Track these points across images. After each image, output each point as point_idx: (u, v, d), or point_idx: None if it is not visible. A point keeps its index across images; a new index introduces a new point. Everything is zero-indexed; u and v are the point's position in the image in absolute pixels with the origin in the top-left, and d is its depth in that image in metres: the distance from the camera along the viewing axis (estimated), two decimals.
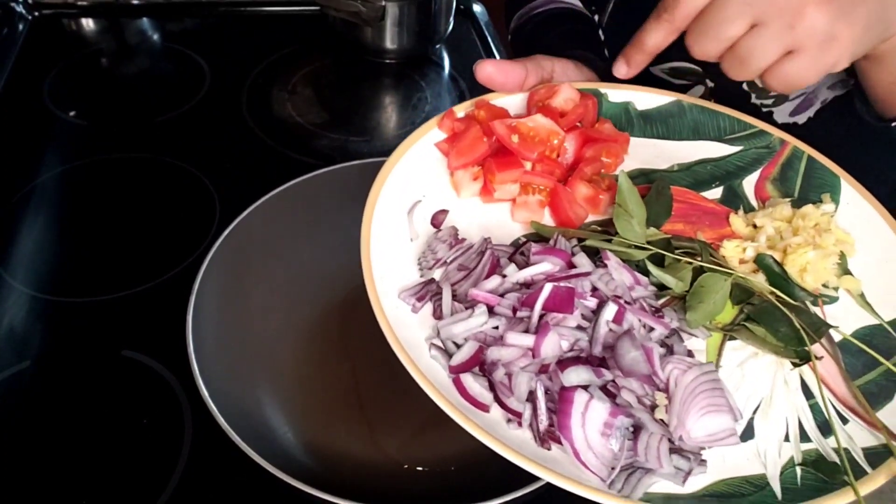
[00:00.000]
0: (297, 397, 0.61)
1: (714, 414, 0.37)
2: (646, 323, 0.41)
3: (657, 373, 0.39)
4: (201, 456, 0.58)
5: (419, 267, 0.47)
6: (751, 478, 0.38)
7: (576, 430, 0.36)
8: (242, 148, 0.87)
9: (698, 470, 0.37)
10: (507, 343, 0.40)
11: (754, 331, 0.42)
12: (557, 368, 0.39)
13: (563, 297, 0.40)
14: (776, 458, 0.39)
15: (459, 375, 0.40)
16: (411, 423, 0.61)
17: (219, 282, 0.60)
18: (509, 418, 0.39)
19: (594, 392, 0.37)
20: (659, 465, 0.36)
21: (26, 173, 0.81)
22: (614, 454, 0.36)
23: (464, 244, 0.47)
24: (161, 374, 0.63)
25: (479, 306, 0.42)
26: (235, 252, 0.62)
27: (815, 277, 0.46)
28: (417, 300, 0.44)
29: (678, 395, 0.38)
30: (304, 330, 0.66)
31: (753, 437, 0.40)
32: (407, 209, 0.49)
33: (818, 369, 0.41)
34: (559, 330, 0.40)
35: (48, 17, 1.06)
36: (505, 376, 0.39)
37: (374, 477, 0.57)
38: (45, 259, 0.73)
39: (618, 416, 0.36)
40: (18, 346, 0.64)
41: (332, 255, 0.70)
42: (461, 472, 0.57)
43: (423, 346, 0.42)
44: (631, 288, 0.43)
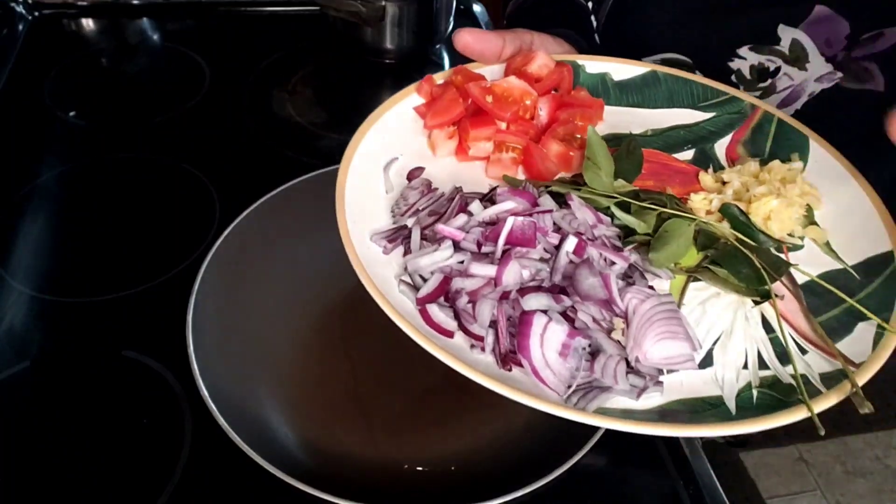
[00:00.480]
0: (297, 397, 0.61)
1: (671, 340, 0.39)
2: (606, 257, 0.42)
3: (615, 299, 0.40)
4: (201, 456, 0.58)
5: (392, 214, 0.49)
6: (707, 398, 0.40)
7: (534, 351, 0.38)
8: (242, 148, 0.87)
9: (654, 389, 0.39)
10: (470, 273, 0.42)
11: (717, 272, 0.44)
12: (518, 296, 0.40)
13: (526, 231, 0.42)
14: (733, 382, 0.40)
15: (426, 306, 0.42)
16: (411, 423, 0.61)
17: (219, 282, 0.60)
18: (472, 344, 0.41)
19: (553, 315, 0.39)
20: (615, 382, 0.38)
21: (26, 173, 0.81)
22: (571, 373, 0.38)
23: (436, 192, 0.49)
24: (161, 374, 0.63)
25: (445, 241, 0.44)
26: (235, 252, 0.62)
27: (780, 226, 0.48)
28: (388, 242, 0.46)
29: (635, 321, 0.40)
30: (304, 330, 0.66)
31: (712, 365, 0.42)
32: (383, 165, 0.51)
33: (778, 306, 0.43)
34: (521, 261, 0.42)
35: (48, 17, 1.07)
36: (468, 304, 0.41)
37: (374, 477, 0.57)
38: (46, 259, 0.73)
39: (575, 337, 0.39)
40: (18, 346, 0.64)
41: (332, 255, 0.70)
42: (461, 472, 0.57)
43: (392, 283, 0.44)
44: (594, 226, 0.45)
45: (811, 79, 0.64)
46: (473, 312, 0.41)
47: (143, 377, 0.62)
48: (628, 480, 0.59)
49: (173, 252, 0.73)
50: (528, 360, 0.38)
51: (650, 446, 0.61)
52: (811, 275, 0.45)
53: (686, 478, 0.59)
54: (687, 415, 0.38)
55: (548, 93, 0.54)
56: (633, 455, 0.60)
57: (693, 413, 0.39)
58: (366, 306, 0.68)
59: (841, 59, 0.62)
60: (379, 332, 0.67)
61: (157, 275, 0.71)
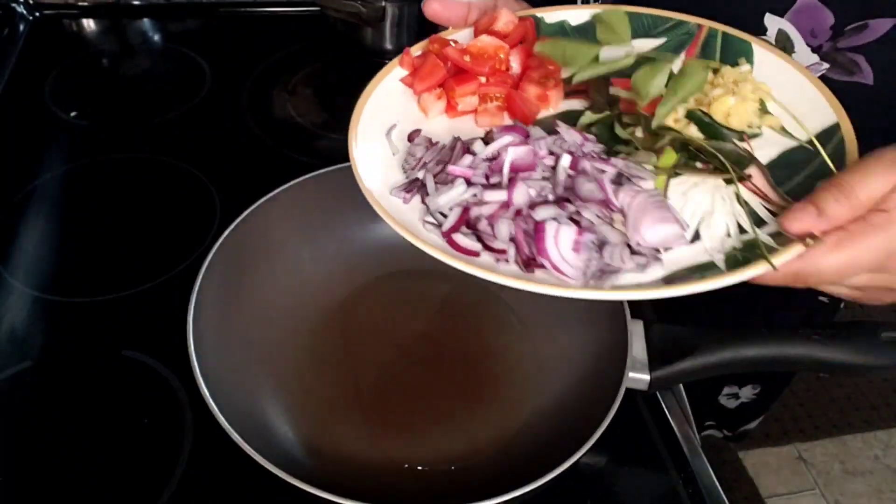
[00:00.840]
0: (297, 397, 0.61)
1: (662, 224, 0.46)
2: (597, 167, 0.50)
3: (610, 198, 0.47)
4: (201, 456, 0.58)
5: (404, 171, 0.53)
6: (701, 265, 0.46)
7: (552, 252, 0.45)
8: (243, 148, 0.87)
9: (655, 263, 0.46)
10: (485, 201, 0.48)
11: (694, 165, 0.52)
12: (529, 211, 0.47)
13: (525, 157, 0.50)
14: (720, 248, 0.47)
15: (451, 236, 0.48)
16: (411, 423, 0.61)
17: (219, 282, 0.60)
18: (497, 258, 0.47)
19: (561, 220, 0.46)
20: (622, 263, 0.45)
21: (27, 173, 0.81)
22: (586, 263, 0.45)
23: (437, 146, 0.54)
24: (161, 373, 0.63)
25: (458, 180, 0.50)
26: (236, 252, 0.62)
27: (739, 120, 0.54)
28: (406, 193, 0.51)
29: (631, 213, 0.47)
30: (304, 330, 0.66)
31: (700, 240, 0.48)
32: (384, 132, 0.56)
33: (748, 184, 0.50)
34: (526, 182, 0.48)
35: (49, 17, 1.07)
36: (488, 226, 0.48)
37: (374, 477, 0.57)
38: (46, 259, 0.73)
39: (583, 234, 0.46)
40: (19, 346, 0.65)
41: (332, 255, 0.70)
42: (461, 472, 0.58)
43: (418, 225, 0.49)
44: (581, 145, 0.52)
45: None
46: (493, 232, 0.47)
47: (144, 377, 0.63)
48: (628, 480, 0.59)
49: (173, 252, 0.73)
50: (548, 260, 0.45)
51: (650, 446, 0.61)
52: (771, 158, 0.53)
53: (685, 477, 0.59)
54: (687, 278, 0.45)
55: (516, 45, 0.60)
56: (633, 455, 0.61)
57: (690, 276, 0.45)
58: (366, 306, 0.69)
59: (826, 49, 0.63)
60: (379, 332, 0.67)
61: (157, 275, 0.71)
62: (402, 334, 0.67)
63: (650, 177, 0.50)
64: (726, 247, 0.47)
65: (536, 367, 0.64)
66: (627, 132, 0.53)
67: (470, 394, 0.63)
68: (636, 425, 0.62)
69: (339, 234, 0.71)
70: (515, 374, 0.64)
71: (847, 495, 1.54)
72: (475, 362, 0.65)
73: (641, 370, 0.56)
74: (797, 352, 0.55)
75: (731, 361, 0.56)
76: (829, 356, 0.55)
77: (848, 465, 1.59)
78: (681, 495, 0.58)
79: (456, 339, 0.67)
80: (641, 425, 0.63)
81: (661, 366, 0.56)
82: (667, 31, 0.63)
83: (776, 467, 1.57)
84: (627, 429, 0.62)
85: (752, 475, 1.54)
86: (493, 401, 0.63)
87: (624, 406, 0.52)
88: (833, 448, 1.61)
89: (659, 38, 0.62)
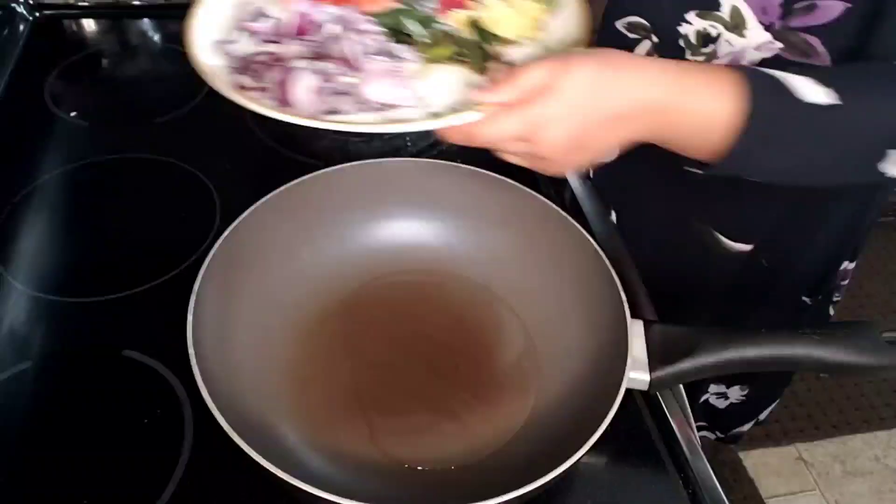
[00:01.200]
0: (297, 397, 0.61)
1: (393, 88, 0.57)
2: (362, 40, 0.59)
3: (354, 60, 0.57)
4: (201, 456, 0.58)
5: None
6: (419, 119, 0.55)
7: (293, 92, 0.56)
8: (243, 148, 0.87)
9: (380, 114, 0.56)
10: (265, 51, 0.59)
11: (460, 60, 0.61)
12: (287, 63, 0.57)
13: (305, 23, 0.60)
14: (438, 107, 0.57)
15: (235, 75, 0.59)
16: (411, 423, 0.61)
17: (219, 282, 0.60)
18: (262, 94, 0.57)
19: (308, 69, 0.56)
20: (349, 109, 0.56)
21: (27, 173, 0.81)
22: (318, 105, 0.56)
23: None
24: (161, 374, 0.63)
25: (252, 34, 0.61)
26: (236, 252, 0.62)
27: (510, 30, 0.62)
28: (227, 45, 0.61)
29: (371, 76, 0.57)
30: (304, 330, 0.66)
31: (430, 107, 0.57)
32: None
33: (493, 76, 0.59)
34: (301, 41, 0.59)
35: (49, 17, 1.07)
36: (263, 71, 0.58)
37: (374, 477, 0.57)
38: (46, 259, 0.73)
39: (325, 83, 0.56)
40: (19, 346, 0.65)
41: (332, 256, 0.70)
42: (461, 472, 0.58)
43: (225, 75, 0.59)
44: (358, 23, 0.60)
45: (750, 47, 0.64)
46: (262, 75, 0.58)
47: (143, 377, 0.63)
48: (628, 480, 0.59)
49: (173, 252, 0.73)
50: (296, 99, 0.56)
51: (650, 446, 0.61)
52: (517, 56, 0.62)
53: (685, 478, 0.59)
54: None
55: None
56: (633, 455, 0.61)
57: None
58: (366, 306, 0.69)
59: (779, 28, 0.62)
60: (379, 332, 0.67)
61: (157, 275, 0.71)
62: (402, 334, 0.67)
63: (413, 58, 0.59)
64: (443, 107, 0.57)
65: (536, 367, 0.65)
66: (414, 28, 0.63)
67: (470, 394, 0.63)
68: (636, 425, 0.62)
69: (339, 234, 0.71)
70: (515, 374, 0.64)
71: (847, 495, 1.54)
72: (475, 362, 0.65)
73: (641, 370, 0.56)
74: (797, 352, 0.55)
75: (731, 361, 0.56)
76: (829, 356, 0.55)
77: (848, 465, 1.59)
78: (681, 495, 0.58)
79: (456, 339, 0.67)
80: (641, 425, 0.63)
81: (661, 366, 0.56)
82: None
83: (776, 467, 1.57)
84: (627, 429, 0.62)
85: (752, 475, 1.54)
86: (493, 401, 0.63)
87: (624, 406, 0.52)
88: (833, 448, 1.61)
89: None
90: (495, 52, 0.61)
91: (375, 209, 0.72)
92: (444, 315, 0.69)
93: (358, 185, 0.71)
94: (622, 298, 0.59)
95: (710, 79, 0.51)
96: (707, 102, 0.51)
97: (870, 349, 0.55)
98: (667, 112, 0.52)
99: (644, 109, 0.52)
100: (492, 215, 0.71)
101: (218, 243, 0.61)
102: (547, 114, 0.50)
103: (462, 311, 0.69)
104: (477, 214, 0.72)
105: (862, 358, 0.55)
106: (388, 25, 0.62)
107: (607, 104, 0.51)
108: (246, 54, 0.59)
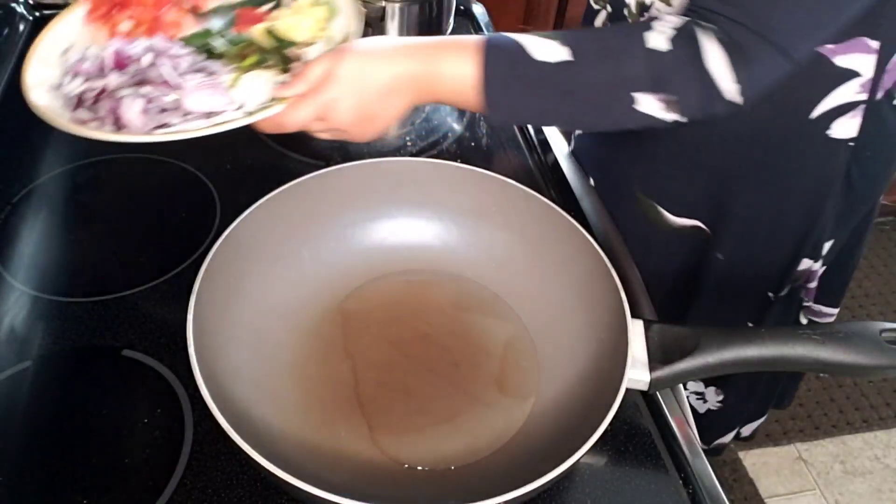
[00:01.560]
0: (297, 397, 0.61)
1: (211, 97, 0.66)
2: (175, 62, 0.68)
3: (170, 80, 0.66)
4: (201, 456, 0.58)
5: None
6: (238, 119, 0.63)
7: (130, 115, 0.64)
8: (243, 148, 0.87)
9: (203, 121, 0.65)
10: (93, 87, 0.66)
11: (266, 65, 0.70)
12: (115, 92, 0.66)
13: (122, 56, 0.68)
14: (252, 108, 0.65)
15: (73, 112, 0.66)
16: (411, 423, 0.61)
17: (219, 282, 0.60)
18: (103, 124, 0.65)
19: (137, 95, 0.65)
20: (176, 122, 0.65)
21: (27, 173, 0.81)
22: (147, 122, 0.65)
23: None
24: (161, 374, 0.63)
25: (78, 75, 0.69)
26: (236, 252, 0.62)
27: (300, 34, 0.72)
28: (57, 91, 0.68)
29: (187, 90, 0.66)
30: (304, 330, 0.66)
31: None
32: (60, 53, 0.72)
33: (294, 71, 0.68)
34: (122, 73, 0.67)
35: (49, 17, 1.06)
36: (96, 104, 0.66)
37: (374, 477, 0.57)
38: (46, 259, 0.73)
39: (149, 104, 0.65)
40: (19, 346, 0.65)
41: (332, 255, 0.70)
42: (461, 472, 0.58)
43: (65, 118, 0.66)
44: (170, 49, 0.69)
45: (673, 12, 0.65)
46: (98, 107, 0.66)
47: (143, 377, 0.63)
48: (628, 480, 0.59)
49: (174, 252, 0.73)
50: (124, 121, 0.64)
51: (650, 446, 0.61)
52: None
53: (685, 477, 0.59)
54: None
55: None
56: (633, 455, 0.61)
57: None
58: (366, 306, 0.69)
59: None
60: (379, 332, 0.67)
61: (157, 275, 0.71)
62: (402, 334, 0.67)
63: (223, 70, 0.68)
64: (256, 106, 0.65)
65: (536, 368, 0.65)
66: (220, 45, 0.72)
67: (470, 394, 0.63)
68: (636, 425, 0.62)
69: (339, 234, 0.71)
70: (515, 374, 0.64)
71: (847, 495, 1.54)
72: (475, 362, 0.65)
73: (641, 370, 0.56)
74: (797, 352, 0.55)
75: (731, 361, 0.56)
76: (829, 356, 0.55)
77: (848, 465, 1.59)
78: (681, 495, 0.58)
79: (456, 339, 0.67)
80: (641, 425, 0.63)
81: (661, 366, 0.56)
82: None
83: (776, 467, 1.57)
84: (627, 429, 0.62)
85: (752, 475, 1.54)
86: (493, 401, 0.63)
87: (624, 406, 0.52)
88: (833, 448, 1.61)
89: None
90: (294, 53, 0.72)
91: (375, 209, 0.72)
92: (444, 315, 0.69)
93: (358, 185, 0.71)
94: (622, 298, 0.59)
95: (459, 48, 0.61)
96: (454, 67, 0.60)
97: (870, 349, 0.55)
98: (425, 80, 0.61)
99: (406, 80, 0.61)
100: (492, 215, 0.71)
101: (218, 243, 0.61)
102: (332, 96, 0.60)
103: (462, 311, 0.69)
104: (477, 214, 0.72)
105: (862, 358, 0.55)
106: (198, 45, 0.72)
107: (376, 81, 0.60)
108: (78, 92, 0.67)
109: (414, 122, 0.93)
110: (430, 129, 0.92)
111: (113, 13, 0.77)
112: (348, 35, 0.73)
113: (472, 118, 0.95)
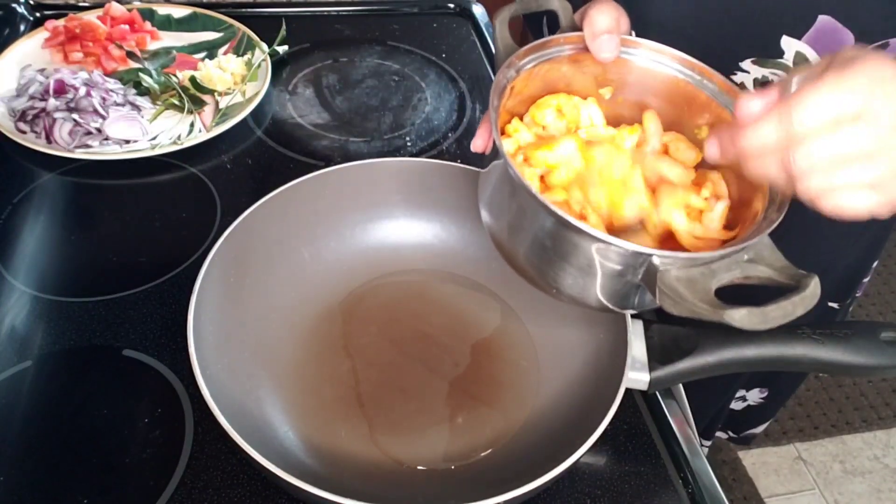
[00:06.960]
0: (297, 397, 0.61)
1: (128, 127, 0.83)
2: (107, 94, 0.85)
3: (97, 109, 0.82)
4: (201, 456, 0.58)
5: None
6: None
7: (56, 134, 0.81)
8: (243, 148, 0.87)
9: (126, 146, 0.83)
10: (35, 107, 0.84)
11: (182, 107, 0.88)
12: (52, 113, 0.82)
13: (66, 84, 0.84)
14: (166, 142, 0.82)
15: (17, 124, 0.83)
16: (411, 423, 0.61)
17: (219, 282, 0.60)
18: (38, 138, 0.82)
19: (66, 119, 0.81)
20: (98, 142, 0.83)
21: (27, 174, 0.81)
22: (72, 141, 0.82)
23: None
24: (161, 373, 0.63)
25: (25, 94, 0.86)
26: (236, 252, 0.62)
27: (218, 85, 0.93)
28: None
29: (109, 119, 0.83)
30: (304, 330, 0.66)
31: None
32: (20, 69, 0.89)
33: (200, 113, 0.87)
34: (62, 97, 0.83)
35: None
36: (36, 122, 0.84)
37: (374, 476, 0.57)
38: (47, 259, 0.73)
39: (77, 127, 0.82)
40: (19, 346, 0.65)
41: (332, 256, 0.70)
42: (461, 472, 0.58)
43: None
44: (104, 83, 0.87)
45: None
46: (35, 124, 0.83)
47: (144, 377, 0.63)
48: (627, 480, 0.59)
49: (174, 252, 0.73)
50: (57, 139, 0.81)
51: (650, 446, 0.61)
52: None
53: (685, 477, 0.59)
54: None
55: (116, 24, 0.97)
56: (632, 454, 0.61)
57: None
58: (366, 306, 0.69)
59: None
60: (379, 332, 0.67)
61: (157, 275, 0.71)
62: (402, 334, 0.67)
63: (148, 106, 0.87)
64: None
65: (536, 367, 0.65)
66: (148, 83, 0.89)
67: (470, 393, 0.63)
68: (636, 425, 0.62)
69: (338, 234, 0.71)
70: (515, 374, 0.64)
71: (846, 495, 1.54)
72: (475, 362, 0.65)
73: (641, 370, 0.56)
74: (797, 352, 0.56)
75: (730, 361, 0.56)
76: (829, 356, 0.55)
77: (848, 465, 1.59)
78: (681, 495, 0.58)
79: (456, 338, 0.67)
80: (641, 425, 0.63)
81: (661, 365, 0.56)
82: (223, 29, 1.00)
83: (776, 467, 1.57)
84: (627, 429, 0.62)
85: (751, 475, 1.54)
86: (493, 401, 0.63)
87: (624, 406, 0.52)
88: (833, 448, 1.61)
89: (216, 32, 1.00)
90: (208, 99, 0.90)
91: (375, 209, 0.72)
92: (443, 315, 0.69)
93: (358, 185, 0.71)
94: None
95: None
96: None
97: (870, 349, 0.55)
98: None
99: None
100: None
101: (218, 243, 0.61)
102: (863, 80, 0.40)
103: (462, 311, 0.69)
104: (477, 214, 0.72)
105: (862, 358, 0.55)
106: (130, 80, 0.90)
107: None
108: (24, 108, 0.83)
109: (414, 122, 0.93)
110: (430, 130, 0.93)
111: (66, 44, 0.93)
112: (259, 93, 0.88)
113: (472, 118, 0.95)
